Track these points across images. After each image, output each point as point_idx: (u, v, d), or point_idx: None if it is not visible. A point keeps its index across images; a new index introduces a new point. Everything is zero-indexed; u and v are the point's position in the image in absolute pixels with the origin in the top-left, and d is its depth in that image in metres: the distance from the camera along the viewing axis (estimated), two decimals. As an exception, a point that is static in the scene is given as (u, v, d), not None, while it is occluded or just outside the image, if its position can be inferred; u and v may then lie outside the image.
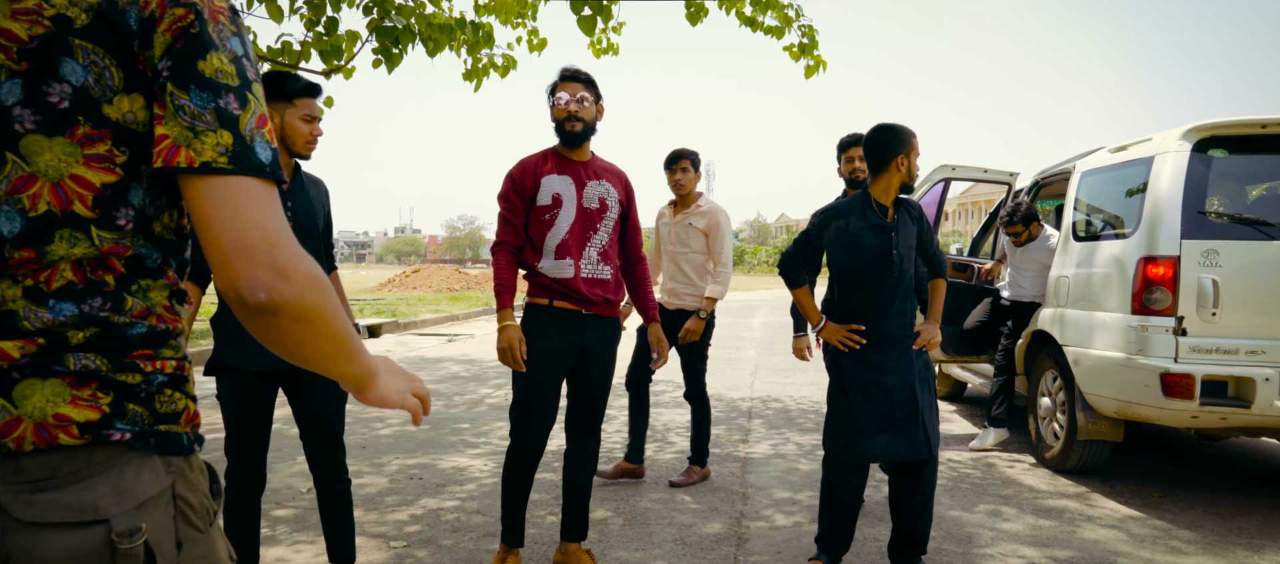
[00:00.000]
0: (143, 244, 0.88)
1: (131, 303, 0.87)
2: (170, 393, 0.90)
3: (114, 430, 0.85)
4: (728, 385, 7.73)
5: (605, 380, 2.94)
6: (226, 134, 0.83)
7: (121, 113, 0.84)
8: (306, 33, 5.13)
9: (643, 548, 3.29)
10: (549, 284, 2.79)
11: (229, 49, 0.86)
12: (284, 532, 3.46)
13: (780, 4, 6.51)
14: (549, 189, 2.79)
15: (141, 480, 0.86)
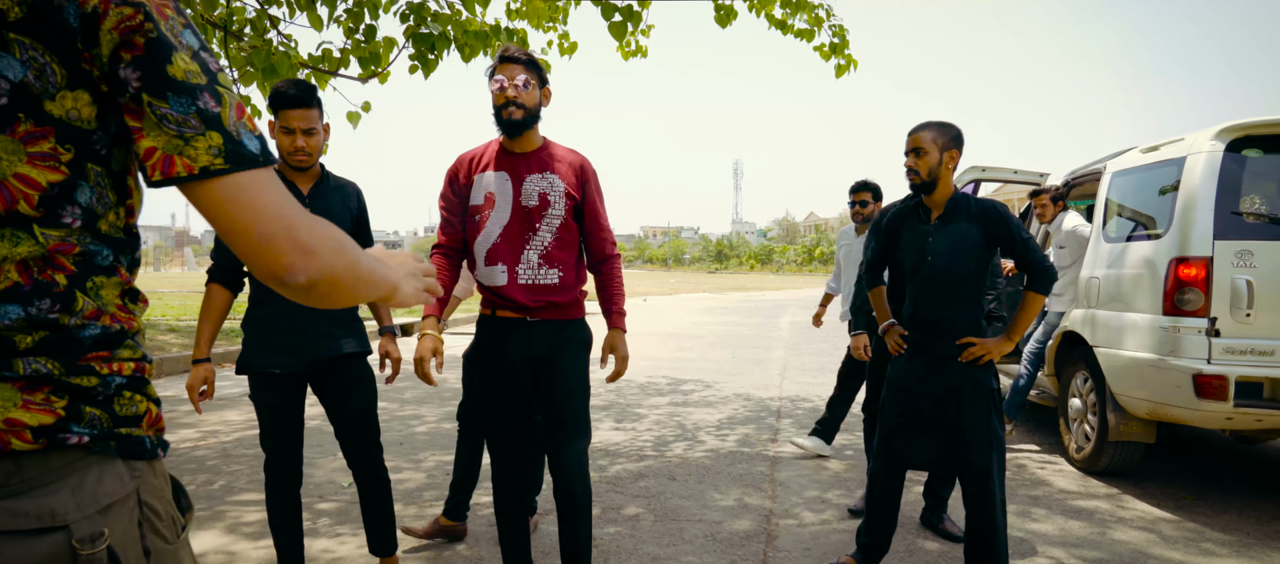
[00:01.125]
0: (91, 241, 0.85)
1: (82, 302, 0.83)
2: (130, 395, 0.87)
3: (71, 434, 0.81)
4: (756, 385, 7.77)
5: (569, 388, 2.54)
6: (215, 135, 0.83)
7: (64, 109, 0.81)
8: (345, 40, 5.28)
9: (673, 544, 3.36)
10: (490, 294, 2.52)
11: (186, 45, 0.84)
12: (326, 525, 3.59)
13: (810, 5, 6.54)
14: (481, 188, 2.49)
15: (103, 484, 0.83)
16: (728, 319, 16.74)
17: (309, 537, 3.40)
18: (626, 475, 4.42)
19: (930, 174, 2.73)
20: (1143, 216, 4.33)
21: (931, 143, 2.72)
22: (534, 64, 2.46)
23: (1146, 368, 3.86)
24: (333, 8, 4.29)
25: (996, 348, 2.70)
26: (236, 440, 5.23)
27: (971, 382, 2.72)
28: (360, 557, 3.19)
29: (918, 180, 2.76)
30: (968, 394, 2.71)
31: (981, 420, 2.70)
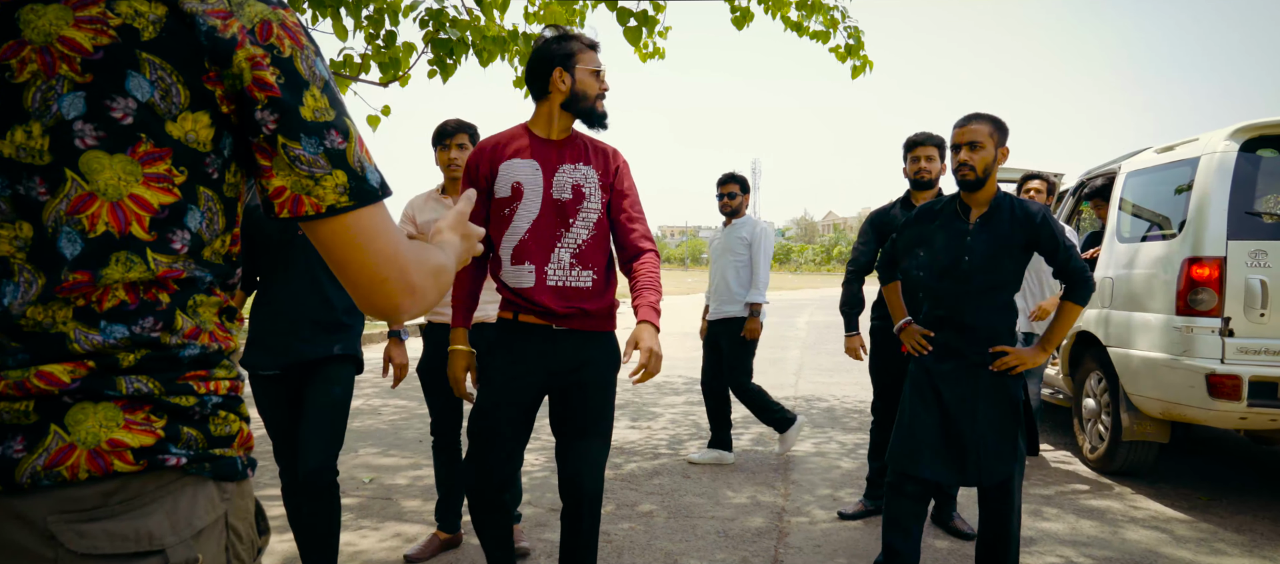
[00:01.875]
0: (196, 268, 0.84)
1: (183, 322, 0.83)
2: (225, 415, 0.87)
3: (169, 455, 0.80)
4: (772, 385, 7.79)
5: (594, 420, 2.31)
6: (340, 173, 0.85)
7: (184, 131, 0.80)
8: (366, 46, 5.39)
9: (685, 540, 3.42)
10: (512, 296, 2.28)
11: (319, 77, 0.85)
12: (350, 519, 3.68)
13: (826, 7, 6.57)
14: (508, 177, 2.25)
15: (197, 508, 0.82)
16: (745, 319, 16.73)
17: (332, 531, 3.49)
18: (641, 473, 4.49)
19: (985, 171, 2.55)
20: (1157, 217, 4.34)
21: (988, 137, 2.55)
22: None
23: (1160, 368, 3.87)
24: (357, 16, 4.39)
25: (1031, 358, 2.57)
26: (262, 436, 5.35)
27: (1001, 391, 2.60)
28: (382, 549, 3.28)
29: (971, 177, 2.56)
30: (997, 404, 2.59)
31: (1010, 432, 2.59)
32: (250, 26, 0.81)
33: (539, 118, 2.33)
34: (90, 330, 0.78)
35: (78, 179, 0.77)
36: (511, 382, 2.29)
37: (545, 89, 2.28)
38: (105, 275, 0.78)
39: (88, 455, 0.76)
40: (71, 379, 0.76)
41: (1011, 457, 2.58)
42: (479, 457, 2.30)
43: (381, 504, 3.89)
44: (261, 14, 0.82)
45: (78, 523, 0.75)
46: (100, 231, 0.77)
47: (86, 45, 0.76)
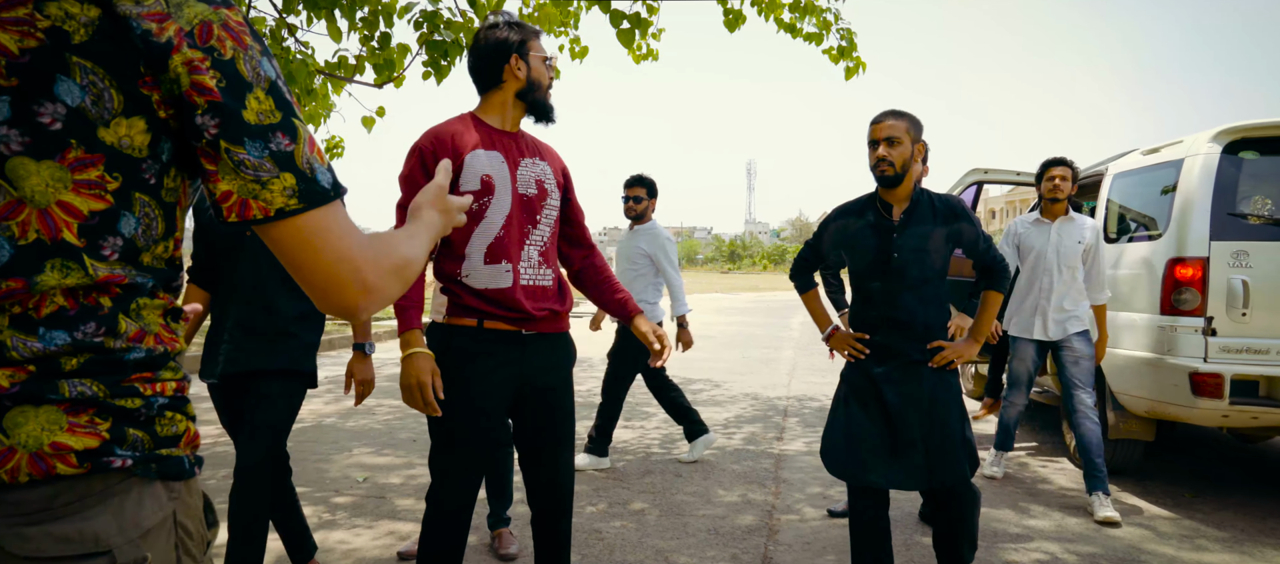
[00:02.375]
0: (135, 274, 0.83)
1: (126, 325, 0.82)
2: (171, 415, 0.86)
3: (115, 457, 0.80)
4: (764, 385, 7.86)
5: (562, 424, 2.25)
6: (289, 176, 0.83)
7: (118, 137, 0.79)
8: (361, 48, 5.42)
9: (677, 537, 3.46)
10: (477, 301, 2.11)
11: (263, 78, 0.83)
12: (344, 517, 3.71)
13: (819, 9, 6.62)
14: (475, 170, 2.09)
15: (144, 508, 0.82)
16: (739, 319, 16.81)
17: (325, 529, 3.52)
18: (633, 471, 4.52)
19: (904, 166, 2.52)
20: (1143, 217, 4.41)
21: (905, 133, 2.53)
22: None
23: (1144, 367, 3.93)
24: (351, 18, 4.42)
25: (965, 351, 2.56)
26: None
27: (946, 389, 2.56)
28: (376, 547, 3.31)
29: (891, 173, 2.53)
30: (944, 402, 2.54)
31: (959, 429, 2.54)
32: (188, 29, 0.79)
33: (491, 108, 2.19)
34: (29, 337, 0.77)
35: (5, 185, 0.75)
36: (485, 396, 2.13)
37: (499, 78, 2.15)
38: (40, 282, 0.77)
39: (29, 459, 0.76)
40: (10, 384, 0.76)
41: (963, 454, 2.52)
42: (455, 481, 2.14)
43: (375, 503, 3.92)
44: (201, 15, 0.80)
45: (20, 526, 0.75)
46: (31, 238, 0.76)
47: (12, 48, 0.75)
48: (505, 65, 2.14)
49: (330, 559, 3.18)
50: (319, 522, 3.63)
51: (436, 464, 2.16)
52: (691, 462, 4.72)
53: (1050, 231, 4.10)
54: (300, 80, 5.03)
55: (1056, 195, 4.07)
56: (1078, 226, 4.05)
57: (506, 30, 2.15)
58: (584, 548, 3.32)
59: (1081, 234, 4.04)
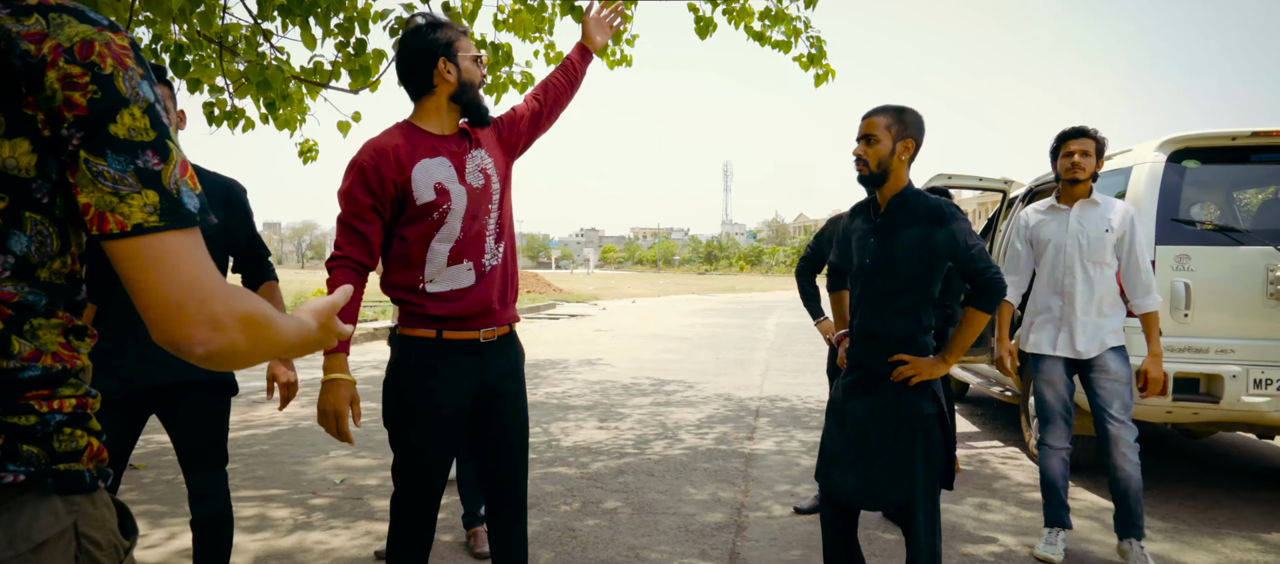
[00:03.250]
0: (28, 291, 0.83)
1: (20, 346, 0.82)
2: (70, 431, 0.86)
3: (6, 473, 0.80)
4: (737, 385, 8.00)
5: (521, 426, 2.27)
6: (151, 193, 0.82)
7: (2, 158, 0.79)
8: (337, 54, 5.47)
9: (648, 535, 3.58)
10: (437, 307, 2.09)
11: (141, 98, 0.83)
12: (320, 519, 3.78)
13: (788, 17, 6.77)
14: (427, 180, 2.06)
15: (38, 522, 0.82)
16: (715, 321, 16.97)
17: (303, 531, 3.59)
18: (607, 472, 4.63)
19: (880, 165, 2.40)
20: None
21: (885, 130, 2.39)
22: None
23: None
24: (325, 25, 4.48)
25: (928, 369, 2.36)
26: (232, 440, 5.41)
27: (904, 406, 2.38)
28: (353, 547, 3.39)
29: (865, 172, 2.42)
30: (898, 420, 2.38)
31: (908, 451, 2.36)
32: (68, 46, 0.80)
33: (427, 113, 2.14)
34: None
35: None
36: (445, 407, 2.11)
37: (429, 83, 2.11)
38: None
39: None
40: None
41: (911, 479, 2.35)
42: (416, 498, 2.14)
43: (352, 504, 3.99)
44: (82, 33, 0.81)
45: None
46: None
47: None
48: (434, 69, 2.09)
49: (308, 560, 3.25)
50: (295, 523, 3.69)
51: (399, 474, 2.16)
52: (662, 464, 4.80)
53: (1068, 219, 3.30)
54: (276, 86, 5.08)
55: (1076, 175, 3.26)
56: (1103, 211, 3.27)
57: (432, 31, 2.10)
58: (557, 546, 3.42)
59: (1109, 220, 3.24)
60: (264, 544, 3.42)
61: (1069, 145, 3.31)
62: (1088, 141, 3.28)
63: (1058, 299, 3.32)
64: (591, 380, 8.38)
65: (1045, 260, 3.38)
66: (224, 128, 5.41)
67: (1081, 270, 3.27)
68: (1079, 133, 3.30)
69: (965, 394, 7.21)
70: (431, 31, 2.10)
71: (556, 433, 5.72)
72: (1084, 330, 3.26)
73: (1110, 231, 3.25)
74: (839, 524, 2.51)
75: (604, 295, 30.30)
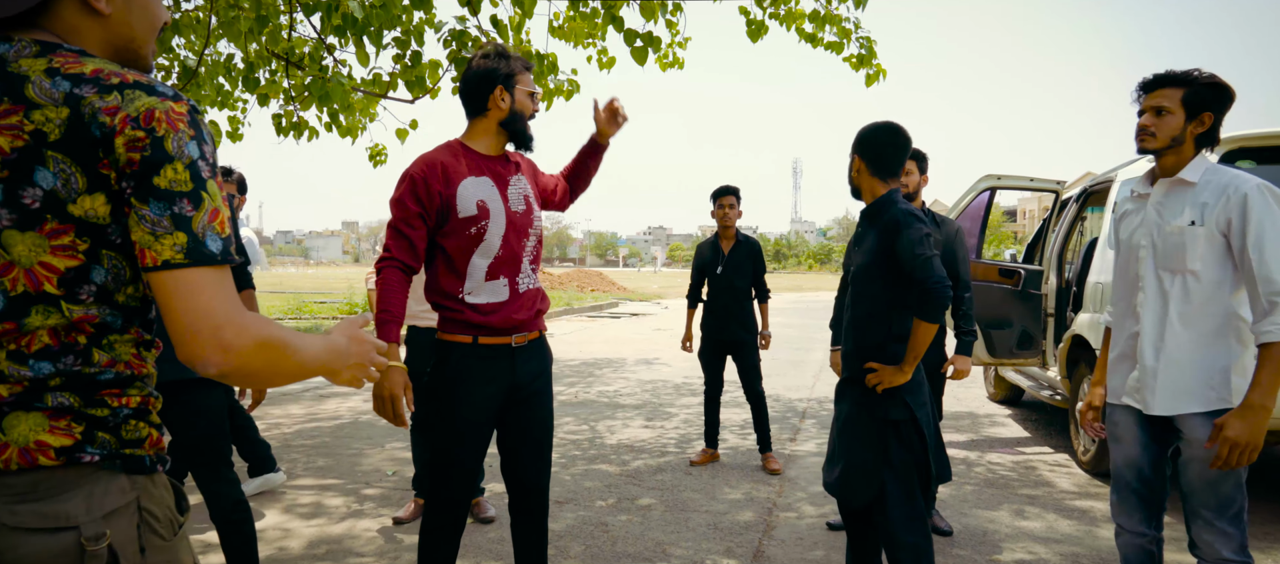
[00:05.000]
0: (108, 313, 1.02)
1: (99, 356, 1.01)
2: (134, 423, 1.05)
3: (85, 454, 1.00)
4: (788, 386, 8.00)
5: (545, 426, 2.43)
6: (181, 234, 0.98)
7: (83, 210, 0.97)
8: (395, 65, 5.75)
9: (676, 531, 3.68)
10: (475, 317, 2.27)
11: (185, 156, 0.98)
12: (371, 508, 4.01)
13: (838, 18, 6.75)
14: (471, 195, 2.25)
15: (109, 494, 1.01)
16: (775, 320, 16.87)
17: (355, 518, 3.82)
18: (646, 470, 4.75)
19: (854, 184, 2.56)
20: None
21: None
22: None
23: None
24: (378, 43, 4.73)
25: (890, 376, 2.40)
26: (297, 432, 5.75)
27: (873, 411, 2.46)
28: (399, 532, 3.60)
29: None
30: (866, 424, 2.48)
31: (863, 456, 2.46)
32: (134, 115, 0.96)
33: (477, 134, 2.34)
34: (20, 368, 0.97)
35: (0, 251, 0.96)
36: (478, 408, 2.29)
37: (484, 107, 2.30)
38: (27, 324, 0.97)
39: (19, 452, 0.96)
40: (8, 394, 0.97)
41: (874, 479, 2.44)
42: (452, 489, 2.31)
43: (401, 495, 4.21)
44: (148, 104, 0.98)
45: (12, 504, 0.96)
46: (20, 291, 0.97)
47: (5, 147, 0.95)
48: (490, 95, 2.28)
49: (356, 546, 3.47)
50: (348, 511, 3.93)
51: (435, 465, 2.32)
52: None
53: (1147, 207, 2.29)
54: (337, 97, 5.37)
55: (1144, 143, 2.23)
56: (1195, 194, 2.17)
57: (496, 61, 2.29)
58: (588, 539, 3.56)
59: (1199, 206, 2.15)
60: (318, 530, 3.66)
61: (1143, 101, 2.26)
62: (1166, 93, 2.17)
63: (1133, 323, 2.29)
64: (644, 380, 8.51)
65: (1120, 267, 2.38)
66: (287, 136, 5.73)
67: (1154, 282, 2.22)
68: (1157, 81, 2.21)
69: (1021, 399, 7.06)
70: (497, 60, 2.30)
71: (602, 430, 5.87)
72: (1154, 374, 2.19)
73: (1199, 224, 2.13)
74: (853, 525, 2.65)
75: (668, 294, 30.42)
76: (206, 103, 6.33)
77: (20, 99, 0.96)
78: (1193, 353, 2.15)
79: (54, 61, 0.98)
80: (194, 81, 5.72)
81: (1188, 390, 2.14)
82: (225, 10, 4.74)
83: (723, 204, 4.81)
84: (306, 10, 5.05)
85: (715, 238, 4.92)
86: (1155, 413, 2.20)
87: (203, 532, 3.53)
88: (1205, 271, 2.13)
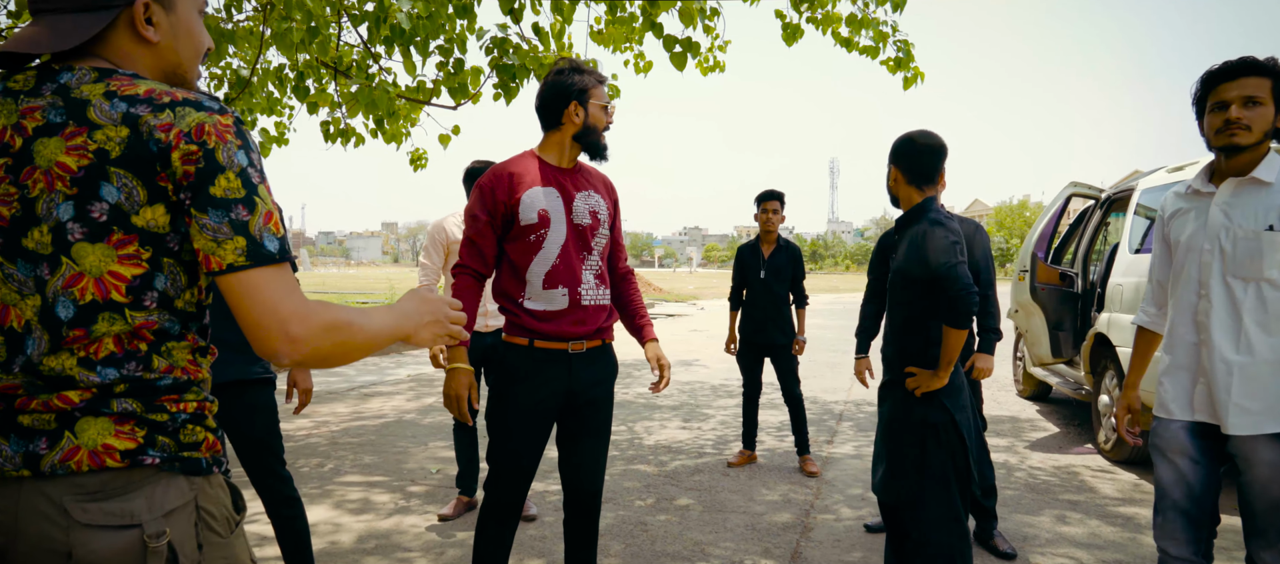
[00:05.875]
0: (167, 319, 1.09)
1: (158, 362, 1.09)
2: (192, 427, 1.12)
3: (147, 456, 1.06)
4: (826, 388, 8.00)
5: (602, 432, 2.49)
6: (240, 238, 1.05)
7: (145, 221, 1.04)
8: (438, 72, 5.89)
9: (715, 531, 3.73)
10: (532, 322, 2.34)
11: (235, 164, 1.06)
12: (417, 504, 4.13)
13: (874, 21, 6.73)
14: (532, 205, 2.32)
15: (169, 495, 1.07)
16: (812, 322, 16.80)
17: (401, 514, 3.94)
18: (684, 470, 4.80)
19: (894, 193, 2.61)
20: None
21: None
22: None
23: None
24: (425, 52, 4.85)
25: (926, 381, 2.47)
26: (343, 429, 5.92)
27: (911, 414, 2.53)
28: (443, 528, 3.70)
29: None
30: (898, 424, 2.55)
31: (905, 454, 2.52)
32: (187, 130, 1.04)
33: (550, 146, 2.42)
34: (89, 373, 1.04)
35: (70, 263, 1.04)
36: (534, 409, 2.37)
37: (558, 120, 2.38)
38: (95, 330, 1.04)
39: (88, 454, 1.04)
40: (79, 400, 1.04)
41: (908, 480, 2.50)
42: (505, 486, 2.38)
43: (446, 492, 4.33)
44: (197, 119, 1.05)
45: (82, 502, 1.03)
46: (88, 299, 1.04)
47: (73, 166, 1.03)
48: (565, 109, 2.36)
49: (403, 540, 3.59)
50: (395, 507, 4.05)
51: (491, 460, 2.41)
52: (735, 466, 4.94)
53: (1211, 207, 2.12)
54: (382, 105, 5.52)
55: (1234, 140, 2.04)
56: (1272, 195, 2.03)
57: (570, 76, 2.37)
58: (629, 538, 3.63)
59: (1276, 209, 2.02)
60: (366, 525, 3.78)
61: (1222, 90, 2.04)
62: (1255, 81, 2.01)
63: (1192, 333, 2.14)
64: (681, 381, 8.56)
65: (1175, 267, 2.22)
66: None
67: (1222, 290, 2.06)
68: (1242, 68, 2.02)
69: (1048, 395, 7.21)
70: (573, 75, 2.37)
71: (640, 432, 5.94)
72: (1228, 389, 2.04)
73: (1278, 229, 1.99)
74: (894, 527, 2.67)
75: (703, 295, 30.38)
76: (257, 110, 6.55)
77: (83, 121, 1.04)
78: (1274, 368, 1.99)
79: (111, 85, 1.06)
80: (247, 90, 5.92)
81: (1269, 409, 1.99)
82: (278, 21, 4.91)
83: (766, 209, 4.84)
84: (354, 21, 5.20)
85: (756, 241, 4.95)
86: (1233, 433, 2.03)
87: (256, 524, 3.67)
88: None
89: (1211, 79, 2.07)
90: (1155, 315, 2.39)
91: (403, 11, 4.45)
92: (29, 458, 1.03)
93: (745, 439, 4.97)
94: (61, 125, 1.04)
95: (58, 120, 1.04)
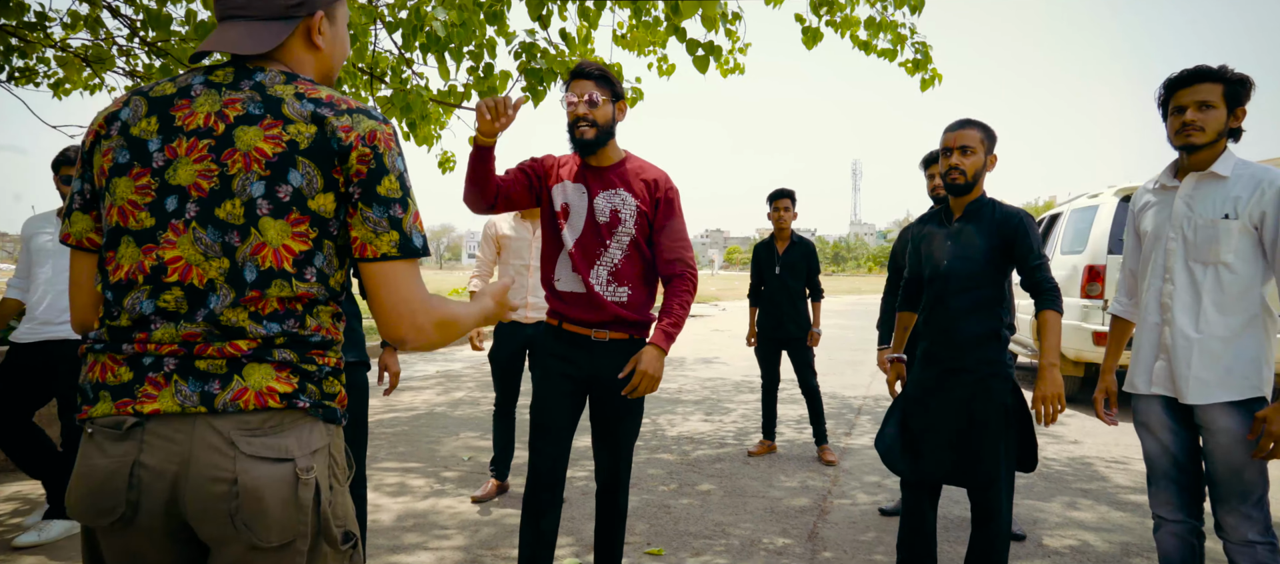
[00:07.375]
0: (320, 291, 1.23)
1: (310, 322, 1.23)
2: (332, 380, 1.25)
3: (300, 400, 1.20)
4: (845, 385, 8.12)
5: (624, 419, 2.57)
6: (395, 233, 1.22)
7: (318, 206, 1.19)
8: (468, 77, 6.12)
9: (735, 513, 3.90)
10: (559, 303, 2.55)
11: (396, 169, 1.23)
12: (451, 487, 4.34)
13: (893, 24, 6.87)
14: (559, 197, 2.54)
15: (314, 436, 1.21)
16: (833, 322, 16.88)
17: (436, 497, 4.15)
18: (706, 459, 4.98)
19: (975, 175, 2.61)
20: (1078, 238, 6.91)
21: (980, 142, 2.60)
22: (607, 78, 2.43)
23: (1072, 330, 6.59)
24: (459, 59, 5.07)
25: (1048, 388, 2.50)
26: (377, 422, 6.15)
27: (985, 396, 2.56)
28: (477, 510, 3.90)
29: (962, 181, 2.60)
30: (980, 409, 2.56)
31: (993, 438, 2.55)
32: (364, 134, 1.21)
33: None
34: (258, 326, 1.18)
35: (257, 233, 1.18)
36: (560, 380, 2.55)
37: None
38: (268, 293, 1.19)
39: (255, 395, 1.17)
40: (248, 348, 1.18)
41: (998, 460, 2.55)
42: (536, 442, 2.55)
43: (478, 477, 4.53)
44: (371, 126, 1.23)
45: (248, 436, 1.16)
46: (268, 266, 1.18)
47: (269, 152, 1.18)
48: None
49: (439, 520, 3.79)
50: (430, 490, 4.26)
51: (530, 435, 2.59)
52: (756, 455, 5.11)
53: (1175, 200, 2.36)
54: (416, 108, 5.76)
55: (1190, 140, 2.28)
56: (1227, 187, 2.26)
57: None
58: (652, 519, 3.80)
59: (1232, 200, 2.24)
60: (404, 506, 3.99)
61: (1179, 96, 2.30)
62: (1207, 87, 2.25)
63: (1157, 314, 2.37)
64: (704, 378, 8.73)
65: (1144, 259, 2.46)
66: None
67: (1184, 274, 2.30)
68: (1195, 76, 2.27)
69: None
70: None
71: (664, 423, 6.12)
72: (1187, 363, 2.27)
73: (1233, 217, 2.22)
74: (917, 503, 2.72)
75: (725, 296, 30.48)
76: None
77: (279, 115, 1.20)
78: (1225, 343, 2.23)
79: (299, 87, 1.23)
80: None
81: (1220, 380, 2.22)
82: (318, 30, 5.14)
83: (777, 207, 5.00)
84: (390, 28, 5.44)
85: (771, 239, 5.12)
86: (1190, 402, 2.25)
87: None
88: (1238, 264, 2.22)
89: (1171, 86, 2.33)
90: (1128, 305, 2.60)
91: (438, 21, 4.66)
92: (205, 396, 1.16)
93: (765, 430, 5.13)
94: (260, 117, 1.19)
95: (257, 112, 1.20)
